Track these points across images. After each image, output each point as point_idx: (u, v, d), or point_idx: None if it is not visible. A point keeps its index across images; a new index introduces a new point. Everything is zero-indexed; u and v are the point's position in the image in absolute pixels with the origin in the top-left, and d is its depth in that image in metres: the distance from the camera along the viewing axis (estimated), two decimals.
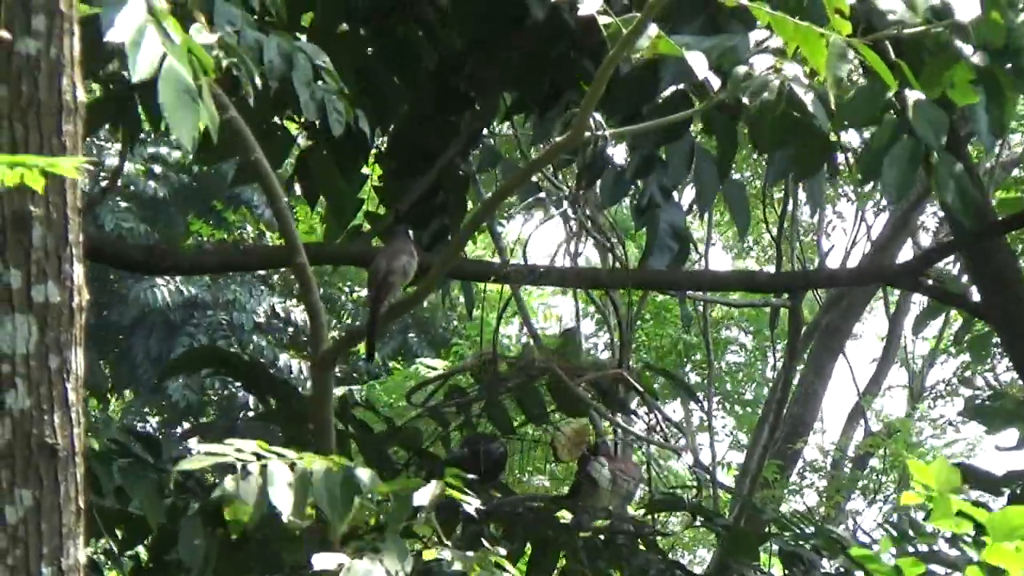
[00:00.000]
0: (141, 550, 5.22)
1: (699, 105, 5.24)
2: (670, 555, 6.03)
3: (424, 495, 3.79)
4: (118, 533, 5.12)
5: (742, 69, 3.84)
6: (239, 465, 3.69)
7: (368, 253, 5.61)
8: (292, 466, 3.72)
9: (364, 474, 3.76)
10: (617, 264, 5.70)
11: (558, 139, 3.69)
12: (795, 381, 10.68)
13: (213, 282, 15.00)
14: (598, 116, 3.85)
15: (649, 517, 6.00)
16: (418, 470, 5.43)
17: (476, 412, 5.79)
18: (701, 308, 11.79)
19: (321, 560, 3.63)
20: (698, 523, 6.05)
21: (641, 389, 5.52)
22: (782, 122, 5.03)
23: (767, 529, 5.89)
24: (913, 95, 4.52)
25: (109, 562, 5.46)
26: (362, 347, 4.90)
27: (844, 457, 13.03)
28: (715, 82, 3.76)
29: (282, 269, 11.88)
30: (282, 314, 15.39)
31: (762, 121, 5.15)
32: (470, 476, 3.96)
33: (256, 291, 15.24)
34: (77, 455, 3.13)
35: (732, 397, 15.01)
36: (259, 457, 3.73)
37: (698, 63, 3.71)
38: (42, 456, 3.06)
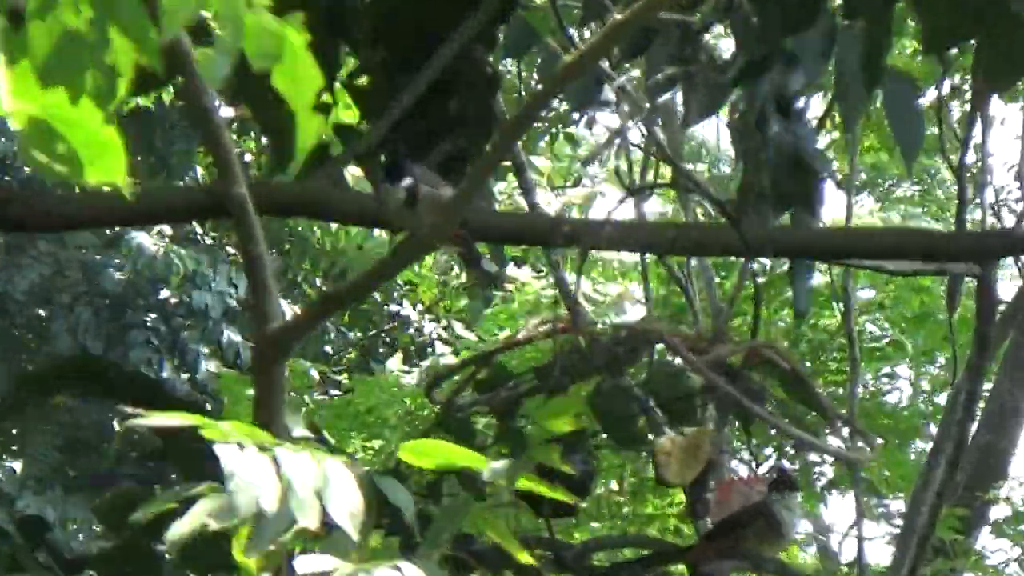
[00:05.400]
0: None
1: None
2: None
3: (502, 469, 2.63)
4: None
5: None
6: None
7: (338, 197, 3.78)
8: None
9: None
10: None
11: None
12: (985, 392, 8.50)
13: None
14: None
15: None
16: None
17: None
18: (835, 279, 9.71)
19: (304, 564, 2.58)
20: None
21: (797, 370, 4.00)
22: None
23: None
24: None
25: None
26: None
27: None
28: None
29: None
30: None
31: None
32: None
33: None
34: None
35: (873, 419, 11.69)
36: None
37: None
38: None
